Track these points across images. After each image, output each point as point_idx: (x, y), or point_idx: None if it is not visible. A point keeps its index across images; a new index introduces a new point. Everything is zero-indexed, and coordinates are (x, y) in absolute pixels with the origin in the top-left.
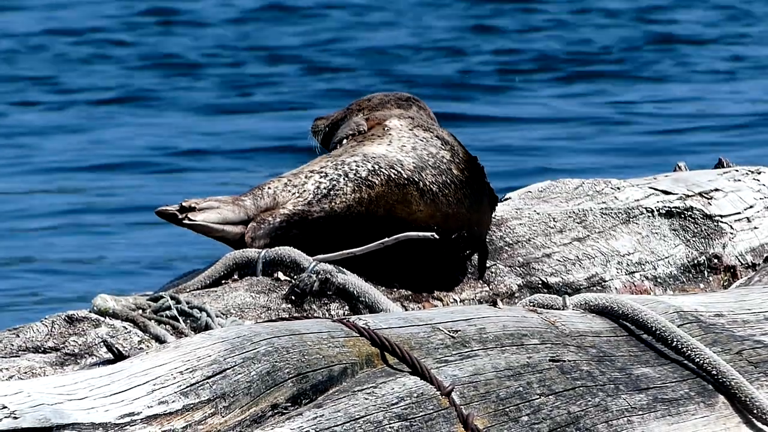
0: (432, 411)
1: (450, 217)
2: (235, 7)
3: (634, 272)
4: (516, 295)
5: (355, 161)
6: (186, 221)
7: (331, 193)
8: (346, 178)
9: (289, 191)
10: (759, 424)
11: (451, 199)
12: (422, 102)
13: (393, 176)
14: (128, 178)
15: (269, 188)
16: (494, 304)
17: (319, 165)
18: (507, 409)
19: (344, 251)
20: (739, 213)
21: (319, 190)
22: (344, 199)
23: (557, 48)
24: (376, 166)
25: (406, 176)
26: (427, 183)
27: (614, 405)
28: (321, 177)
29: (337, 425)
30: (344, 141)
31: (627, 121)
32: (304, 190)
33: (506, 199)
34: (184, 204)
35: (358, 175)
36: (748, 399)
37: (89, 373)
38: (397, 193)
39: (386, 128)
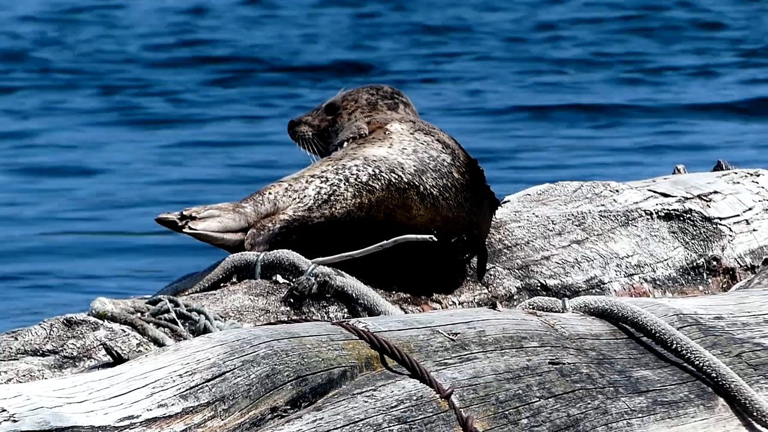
0: (431, 414)
1: (450, 221)
2: None
3: (633, 275)
4: (515, 297)
5: (356, 165)
6: (186, 229)
7: (332, 198)
8: (347, 183)
9: (290, 196)
10: (759, 427)
11: (452, 202)
12: (405, 96)
13: (394, 180)
14: None
15: (270, 193)
16: (494, 306)
17: (320, 169)
18: (506, 412)
19: (343, 254)
20: (738, 215)
21: (320, 196)
22: (344, 205)
23: None
24: (377, 170)
25: (406, 180)
26: (428, 187)
27: (614, 407)
28: (322, 182)
29: (337, 428)
30: (345, 144)
31: None
32: (305, 195)
33: (505, 202)
34: (185, 212)
35: (358, 179)
36: (747, 401)
37: (88, 377)
38: (397, 198)
39: (387, 132)
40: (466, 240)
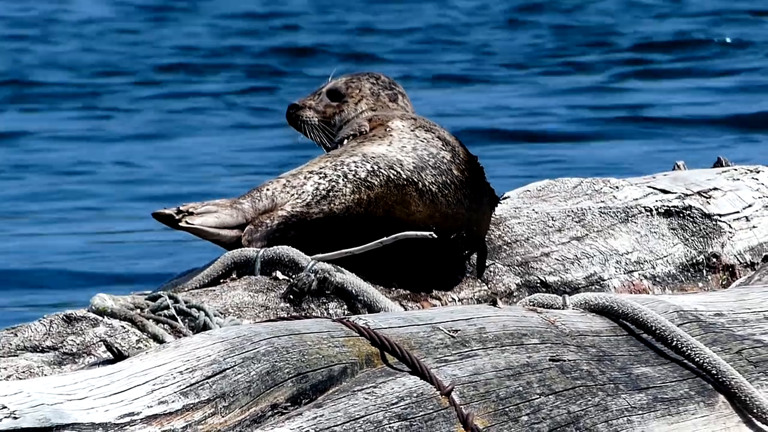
0: (432, 411)
1: (449, 218)
2: None
3: (632, 271)
4: (514, 294)
5: (354, 161)
6: (183, 224)
7: (330, 194)
8: (345, 179)
9: (288, 192)
10: (759, 424)
11: (451, 199)
12: (401, 86)
13: (392, 177)
14: None
15: (267, 189)
16: (494, 303)
17: (318, 165)
18: (507, 409)
19: (343, 250)
20: (738, 212)
21: (318, 192)
22: (343, 201)
23: None
24: (375, 167)
25: (405, 177)
26: (427, 183)
27: (614, 404)
28: (320, 178)
29: (337, 425)
30: (345, 141)
31: None
32: (303, 191)
33: (505, 198)
34: (181, 208)
35: (357, 176)
36: (747, 398)
37: (89, 373)
38: (396, 194)
39: (388, 129)
40: (466, 237)
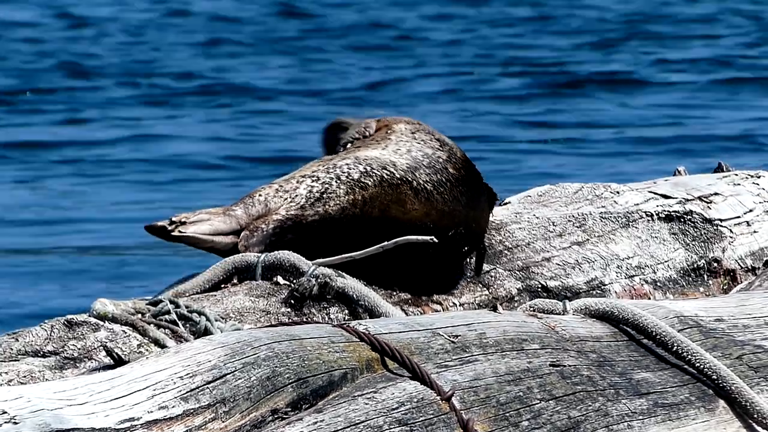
0: (432, 416)
1: (446, 215)
2: None
3: (633, 276)
4: (515, 299)
5: (347, 164)
6: (176, 233)
7: (324, 196)
8: (339, 181)
9: (281, 197)
10: (759, 429)
11: (447, 196)
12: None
13: (386, 177)
14: None
15: (260, 195)
16: (494, 308)
17: (311, 169)
18: (507, 414)
19: (343, 255)
20: (739, 217)
21: (312, 194)
22: (338, 202)
23: None
24: (368, 168)
25: (398, 176)
26: (421, 182)
27: (614, 410)
28: (313, 181)
29: (337, 430)
30: (349, 144)
31: None
32: (297, 195)
33: (506, 203)
34: (174, 218)
35: (350, 177)
36: (748, 404)
37: (89, 378)
38: (390, 193)
39: (389, 131)
40: (465, 233)
